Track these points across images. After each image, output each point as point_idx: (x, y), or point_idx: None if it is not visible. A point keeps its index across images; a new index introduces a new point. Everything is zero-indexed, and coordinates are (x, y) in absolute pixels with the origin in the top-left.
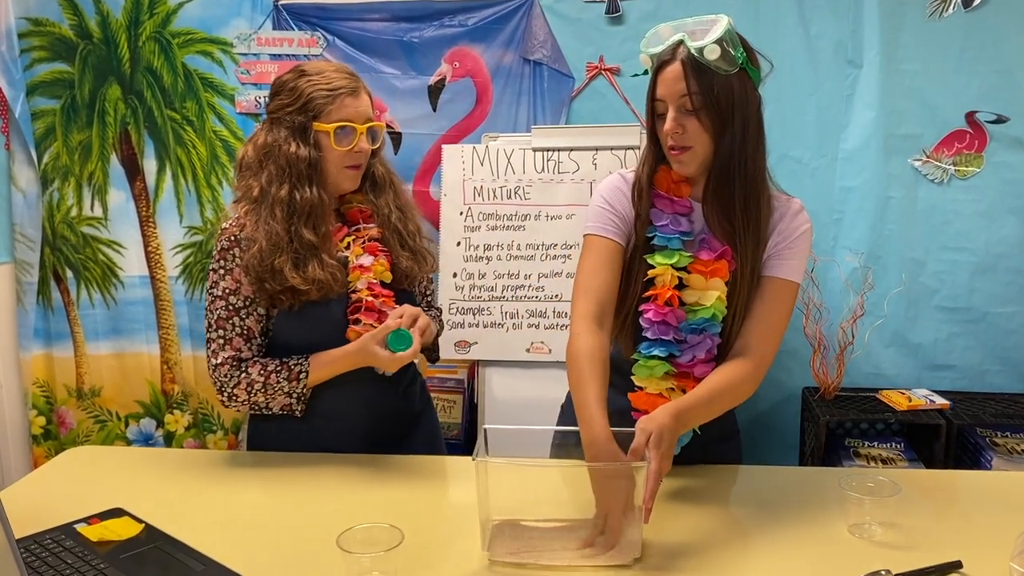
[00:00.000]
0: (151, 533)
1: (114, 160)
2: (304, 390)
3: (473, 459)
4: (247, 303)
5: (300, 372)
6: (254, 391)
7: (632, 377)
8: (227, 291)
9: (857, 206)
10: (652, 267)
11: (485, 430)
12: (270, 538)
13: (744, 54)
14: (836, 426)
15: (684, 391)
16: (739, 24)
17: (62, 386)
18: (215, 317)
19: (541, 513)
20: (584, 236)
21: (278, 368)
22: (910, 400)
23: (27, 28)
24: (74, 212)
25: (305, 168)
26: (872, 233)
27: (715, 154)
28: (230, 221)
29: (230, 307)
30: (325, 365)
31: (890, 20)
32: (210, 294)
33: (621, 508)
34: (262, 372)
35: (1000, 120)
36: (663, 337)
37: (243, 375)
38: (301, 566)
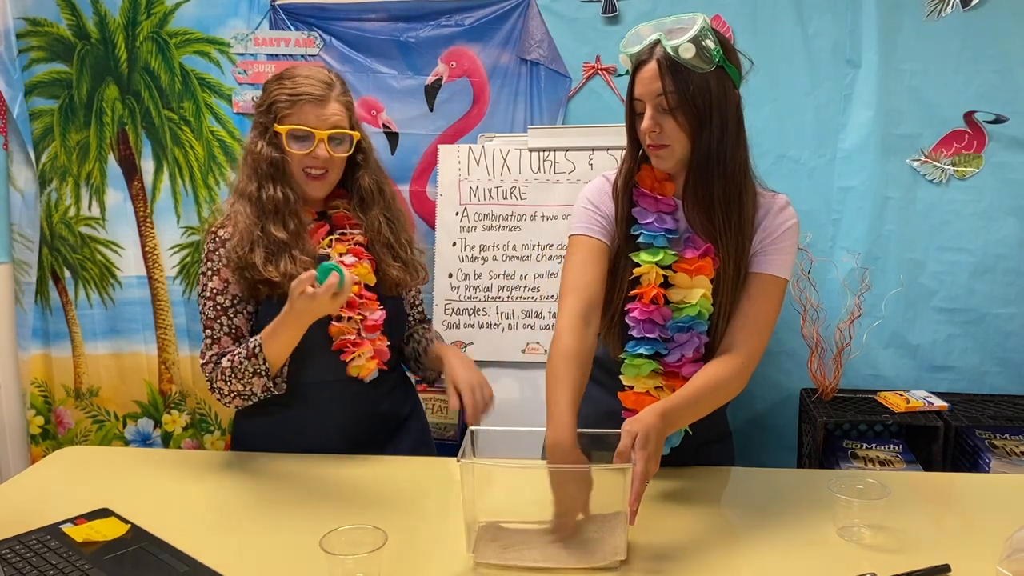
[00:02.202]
0: (137, 534)
1: (111, 160)
2: (266, 365)
3: (458, 460)
4: (235, 302)
5: (255, 347)
6: (228, 379)
7: (620, 376)
8: (214, 291)
9: (855, 206)
10: (637, 265)
11: (471, 431)
12: (256, 539)
13: (721, 52)
14: (834, 427)
15: (673, 390)
16: (736, 24)
17: (60, 386)
18: (204, 317)
19: (527, 515)
20: (569, 237)
21: (239, 351)
22: (908, 402)
23: (25, 28)
24: (72, 212)
25: (267, 167)
26: (870, 233)
27: (693, 152)
28: (217, 222)
29: (218, 307)
30: (273, 332)
31: (888, 20)
32: (200, 296)
33: (578, 508)
34: (230, 359)
35: (999, 120)
36: (648, 335)
37: (219, 367)
38: (285, 567)
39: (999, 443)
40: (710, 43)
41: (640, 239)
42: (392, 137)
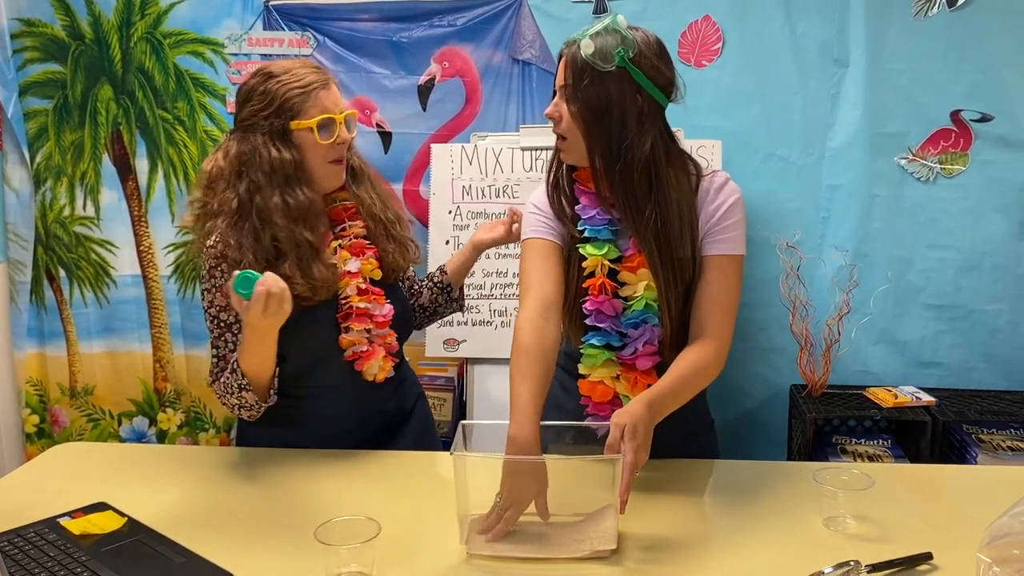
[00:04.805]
0: (133, 527)
1: (106, 160)
2: (246, 380)
3: (451, 453)
4: (239, 318)
5: (233, 363)
6: (225, 394)
7: (579, 365)
8: (218, 308)
9: (843, 204)
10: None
11: (463, 425)
12: (251, 531)
13: (625, 54)
14: (823, 423)
15: (630, 381)
16: (726, 24)
17: (55, 385)
18: (211, 336)
19: None
20: (522, 243)
21: (226, 368)
22: (896, 397)
23: (19, 29)
24: (67, 212)
25: (292, 171)
26: (858, 231)
27: (588, 147)
28: (214, 238)
29: (222, 324)
30: (242, 347)
31: (876, 19)
32: (206, 313)
33: (522, 507)
34: (227, 374)
35: (985, 119)
36: (598, 325)
37: (220, 382)
38: (280, 558)
39: (986, 437)
40: (614, 43)
41: (585, 233)
42: (385, 136)
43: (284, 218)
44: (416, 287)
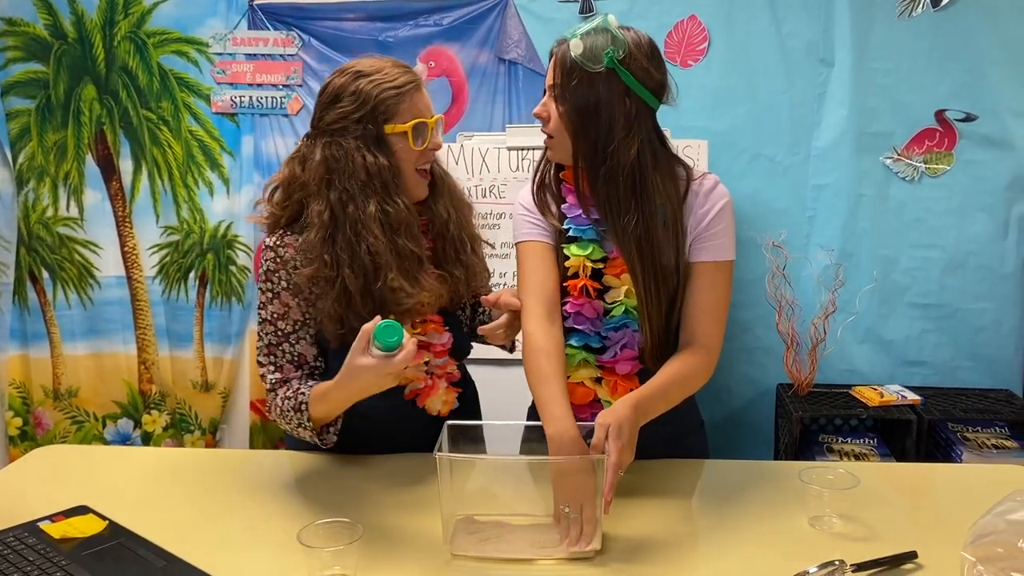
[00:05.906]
0: (115, 530)
1: (89, 160)
2: (310, 423)
3: (436, 454)
4: (296, 328)
5: (301, 403)
6: (277, 418)
7: None
8: (275, 316)
9: (829, 204)
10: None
11: (448, 425)
12: (234, 534)
13: (614, 54)
14: (810, 422)
15: (611, 384)
16: (712, 24)
17: (39, 387)
18: (265, 342)
19: (504, 508)
20: (515, 247)
21: (289, 396)
22: (882, 396)
23: (1, 28)
24: (50, 212)
25: (391, 178)
26: (844, 230)
27: (576, 148)
28: (275, 239)
29: (279, 333)
30: (323, 395)
31: (861, 19)
32: (259, 315)
33: (592, 500)
34: (280, 402)
35: (969, 118)
36: (576, 327)
37: (274, 401)
38: (263, 561)
39: (971, 436)
40: (604, 43)
41: (570, 232)
42: None
43: (383, 229)
44: (480, 318)
